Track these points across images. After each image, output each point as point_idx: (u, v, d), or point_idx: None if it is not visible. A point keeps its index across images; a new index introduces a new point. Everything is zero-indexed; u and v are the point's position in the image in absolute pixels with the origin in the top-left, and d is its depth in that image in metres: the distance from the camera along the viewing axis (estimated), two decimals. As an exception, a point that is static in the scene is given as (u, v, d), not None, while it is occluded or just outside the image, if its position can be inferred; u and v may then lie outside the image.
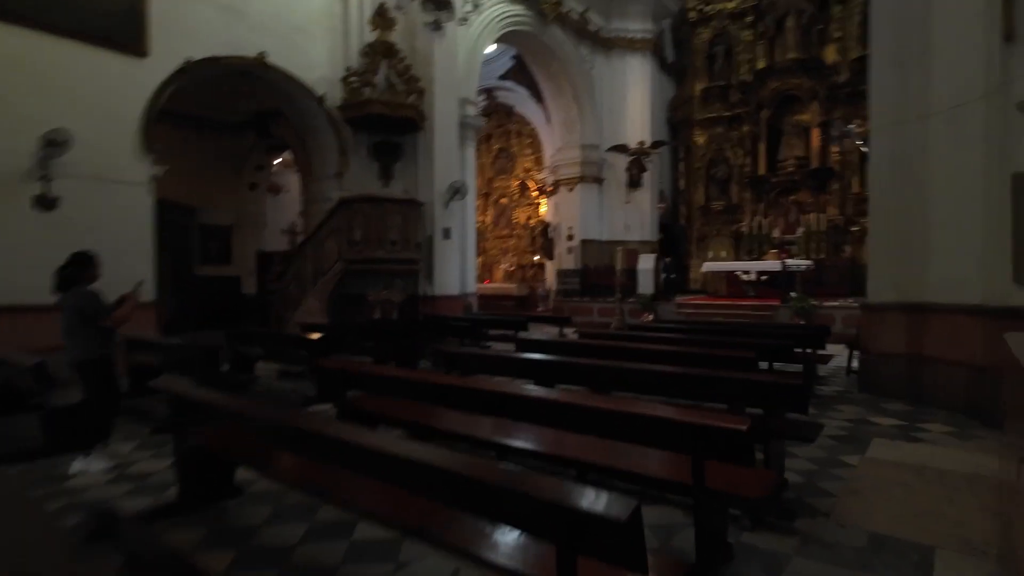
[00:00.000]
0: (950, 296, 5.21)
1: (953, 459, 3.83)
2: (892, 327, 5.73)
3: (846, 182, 15.33)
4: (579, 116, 16.13)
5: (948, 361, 5.19)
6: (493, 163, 20.99)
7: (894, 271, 5.77)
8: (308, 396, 5.85)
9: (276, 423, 2.44)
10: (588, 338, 5.90)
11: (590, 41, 15.84)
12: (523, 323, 8.05)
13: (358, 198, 9.13)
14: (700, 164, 18.01)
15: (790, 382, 2.86)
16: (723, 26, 17.51)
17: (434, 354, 4.38)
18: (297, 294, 9.44)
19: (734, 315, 11.94)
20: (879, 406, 5.42)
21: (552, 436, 2.88)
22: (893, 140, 5.72)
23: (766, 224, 16.38)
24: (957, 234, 5.16)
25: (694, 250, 18.14)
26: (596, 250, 16.38)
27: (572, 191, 16.45)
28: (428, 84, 10.05)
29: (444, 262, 10.35)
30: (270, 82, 9.47)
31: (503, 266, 20.30)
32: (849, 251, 15.12)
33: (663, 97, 17.96)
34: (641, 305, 12.92)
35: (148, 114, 7.70)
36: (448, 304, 10.35)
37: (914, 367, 5.53)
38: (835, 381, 6.70)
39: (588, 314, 14.31)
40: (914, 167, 5.54)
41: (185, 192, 13.14)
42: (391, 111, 9.05)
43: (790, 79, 15.90)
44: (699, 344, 4.96)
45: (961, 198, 5.10)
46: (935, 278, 5.40)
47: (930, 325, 5.42)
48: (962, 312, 5.06)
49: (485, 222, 21.25)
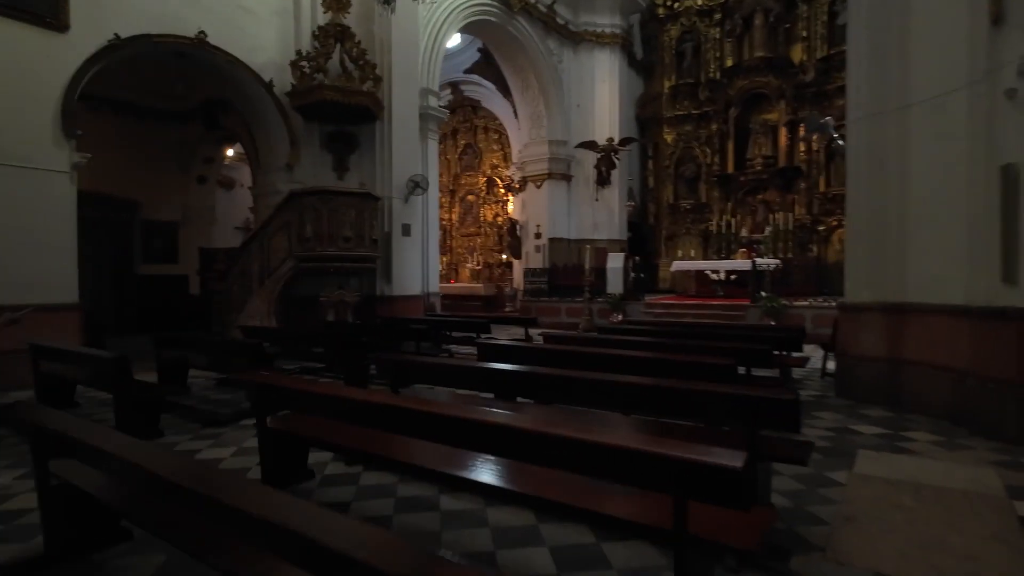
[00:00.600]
0: (931, 296, 4.95)
1: (947, 474, 3.51)
2: (870, 328, 5.45)
3: (813, 181, 15.35)
4: (546, 111, 15.73)
5: (930, 365, 4.93)
6: (459, 159, 20.44)
7: (872, 269, 5.50)
8: (243, 408, 5.25)
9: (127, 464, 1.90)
10: (553, 342, 5.45)
11: (558, 34, 15.45)
12: (485, 325, 7.56)
13: (309, 191, 8.50)
14: (669, 162, 17.86)
15: (781, 397, 2.46)
16: (691, 23, 17.38)
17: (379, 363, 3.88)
18: (242, 295, 8.75)
19: (704, 315, 11.72)
20: (859, 412, 5.13)
21: (508, 467, 2.42)
22: (871, 132, 5.45)
23: (734, 223, 16.31)
24: (939, 230, 4.90)
25: (663, 249, 17.97)
26: (564, 249, 16.01)
27: (540, 188, 16.04)
28: (386, 71, 9.47)
29: (404, 260, 9.79)
30: (214, 66, 8.75)
31: (469, 265, 19.77)
32: (816, 250, 15.14)
33: (632, 94, 17.72)
34: (610, 305, 12.60)
35: (68, 95, 6.94)
36: (408, 305, 9.79)
37: (894, 371, 5.26)
38: (811, 384, 6.43)
39: (556, 315, 13.92)
40: (893, 160, 5.28)
41: (126, 185, 12.23)
42: (344, 98, 8.44)
43: (757, 77, 15.84)
44: (673, 350, 4.57)
45: (943, 192, 4.84)
46: (915, 277, 5.14)
47: (910, 327, 5.16)
48: (944, 313, 4.80)
49: (451, 220, 20.69)
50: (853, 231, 5.74)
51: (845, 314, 5.82)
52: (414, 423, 2.40)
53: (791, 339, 5.36)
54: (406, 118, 9.88)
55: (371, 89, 8.85)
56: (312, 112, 9.01)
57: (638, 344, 4.98)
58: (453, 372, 3.78)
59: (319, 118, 9.25)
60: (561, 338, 5.63)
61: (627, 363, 4.15)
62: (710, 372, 3.67)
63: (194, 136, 13.17)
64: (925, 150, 5.01)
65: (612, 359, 4.26)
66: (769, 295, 11.04)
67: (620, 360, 4.20)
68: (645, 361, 4.03)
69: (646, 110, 18.06)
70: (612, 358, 4.26)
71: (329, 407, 2.80)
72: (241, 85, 9.11)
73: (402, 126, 9.74)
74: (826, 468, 3.64)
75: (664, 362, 3.93)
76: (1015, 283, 4.14)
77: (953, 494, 3.18)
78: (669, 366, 3.89)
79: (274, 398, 3.11)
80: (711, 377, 3.69)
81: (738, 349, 4.46)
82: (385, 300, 9.53)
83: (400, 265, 9.70)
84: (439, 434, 2.37)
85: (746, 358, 4.41)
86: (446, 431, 2.31)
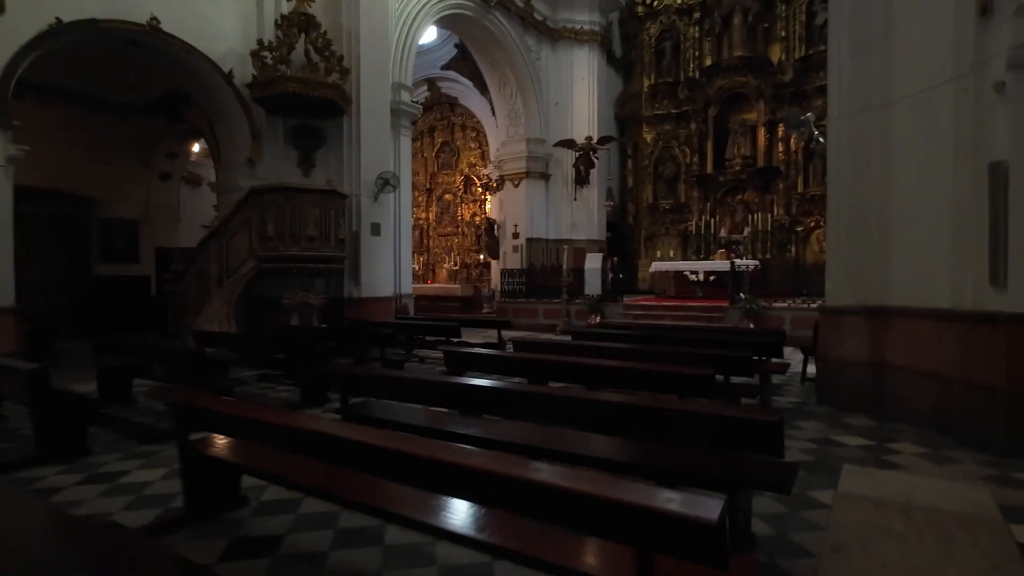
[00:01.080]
0: (916, 299, 4.75)
1: (937, 492, 3.27)
2: (852, 333, 5.24)
3: (791, 181, 15.29)
4: (524, 109, 15.44)
5: (914, 371, 4.73)
6: (436, 157, 20.06)
7: (854, 271, 5.29)
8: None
9: None
10: (524, 350, 5.14)
11: (535, 31, 15.16)
12: (455, 329, 7.22)
13: (271, 188, 8.07)
14: (648, 162, 17.69)
15: (763, 419, 2.18)
16: (671, 21, 17.24)
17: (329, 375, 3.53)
18: (200, 297, 8.29)
19: (683, 317, 11.52)
20: (841, 421, 4.91)
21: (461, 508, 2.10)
22: (853, 129, 5.24)
23: (713, 224, 16.19)
24: (923, 231, 4.70)
25: (642, 249, 17.80)
26: (543, 249, 15.73)
27: (518, 187, 15.73)
28: (353, 64, 9.07)
29: (373, 261, 9.40)
30: (168, 55, 8.27)
31: (447, 265, 19.39)
32: (794, 251, 15.08)
33: (611, 92, 17.52)
34: (588, 307, 12.34)
35: (3, 84, 6.43)
36: (378, 307, 9.41)
37: (878, 377, 5.05)
38: (790, 390, 6.21)
39: (533, 316, 13.63)
40: (876, 158, 5.07)
41: (80, 181, 11.63)
42: (308, 91, 8.03)
43: (736, 77, 15.74)
44: (648, 358, 4.29)
45: (928, 191, 4.64)
46: (899, 279, 4.94)
47: (894, 331, 4.95)
48: (929, 316, 4.60)
49: (428, 219, 20.30)
50: (834, 231, 5.53)
51: (826, 317, 5.61)
52: (347, 454, 2.07)
53: (771, 344, 5.12)
54: (376, 113, 9.49)
55: (337, 81, 8.45)
56: (275, 105, 8.58)
57: (612, 352, 4.70)
58: (409, 386, 3.44)
59: (283, 111, 8.82)
60: (533, 344, 5.33)
61: (600, 373, 3.87)
62: (687, 383, 3.40)
63: (155, 130, 12.59)
64: (909, 147, 4.81)
65: (584, 369, 3.98)
66: (748, 296, 10.88)
67: (592, 370, 3.91)
68: (618, 371, 3.75)
69: (625, 109, 17.87)
70: (584, 368, 3.98)
71: (256, 432, 2.45)
72: (200, 76, 8.64)
73: (371, 121, 9.35)
74: (810, 487, 3.39)
75: (638, 372, 3.66)
76: (1003, 286, 3.94)
77: (946, 517, 2.94)
78: (644, 377, 3.62)
79: (196, 419, 2.74)
80: (688, 389, 3.42)
81: (716, 356, 4.21)
82: (353, 302, 9.14)
83: (369, 266, 9.31)
84: (374, 467, 2.03)
85: (725, 366, 4.15)
86: (382, 464, 1.98)
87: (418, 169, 20.46)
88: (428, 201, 20.29)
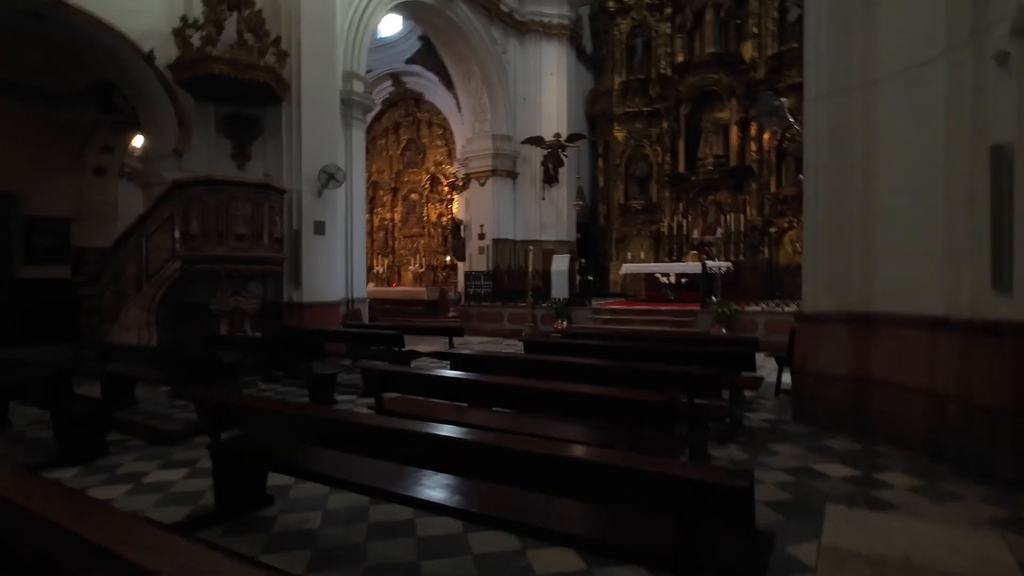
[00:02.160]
0: (904, 304, 4.18)
1: (944, 545, 2.67)
2: (832, 342, 4.67)
3: (764, 181, 14.91)
4: (490, 104, 14.77)
5: (903, 387, 4.15)
6: (402, 155, 19.26)
7: (833, 272, 4.72)
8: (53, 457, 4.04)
9: None
10: (463, 365, 4.43)
11: (502, 22, 14.51)
12: (397, 338, 6.48)
13: (195, 181, 7.24)
14: (619, 161, 17.19)
15: (729, 483, 1.52)
16: (642, 17, 16.78)
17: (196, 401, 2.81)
18: (116, 302, 7.42)
19: (653, 321, 10.95)
20: (822, 444, 4.32)
21: None
22: (832, 112, 4.67)
23: (686, 224, 15.74)
24: (912, 226, 4.13)
25: (613, 251, 17.27)
26: (510, 250, 15.05)
27: (484, 185, 15.04)
28: (293, 47, 8.28)
29: (317, 262, 8.60)
30: (86, 35, 7.39)
31: (412, 268, 18.59)
32: (767, 253, 14.69)
33: (581, 89, 16.97)
34: (554, 311, 11.70)
35: None
36: (323, 313, 8.60)
37: (861, 393, 4.48)
38: (764, 405, 5.63)
39: (498, 321, 12.94)
40: (857, 144, 4.51)
41: (2, 176, 10.59)
42: (238, 73, 7.22)
43: (708, 74, 15.33)
44: (606, 376, 3.66)
45: (917, 181, 4.08)
46: (885, 281, 4.37)
47: (879, 341, 4.38)
48: (920, 325, 4.03)
49: (394, 220, 19.49)
50: (811, 228, 4.95)
51: (803, 324, 5.03)
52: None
53: (742, 357, 4.51)
54: (320, 102, 8.70)
55: (272, 65, 7.65)
56: (204, 90, 7.74)
57: (563, 369, 4.03)
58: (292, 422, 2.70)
59: (214, 98, 7.98)
60: (475, 360, 4.62)
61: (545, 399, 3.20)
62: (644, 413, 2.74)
63: (88, 121, 11.59)
64: (895, 131, 4.25)
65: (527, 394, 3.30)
66: (720, 300, 10.36)
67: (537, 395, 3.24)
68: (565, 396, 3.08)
69: (596, 106, 17.34)
70: (527, 393, 3.30)
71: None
72: (119, 57, 7.77)
73: (315, 110, 8.56)
74: (788, 537, 2.74)
75: (588, 398, 3.00)
76: (1007, 291, 3.38)
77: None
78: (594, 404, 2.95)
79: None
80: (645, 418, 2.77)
81: (678, 376, 3.57)
82: (294, 308, 8.32)
83: (312, 268, 8.51)
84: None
85: (689, 386, 3.51)
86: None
87: (383, 168, 19.67)
88: (394, 201, 19.47)
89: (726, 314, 9.81)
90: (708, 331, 10.00)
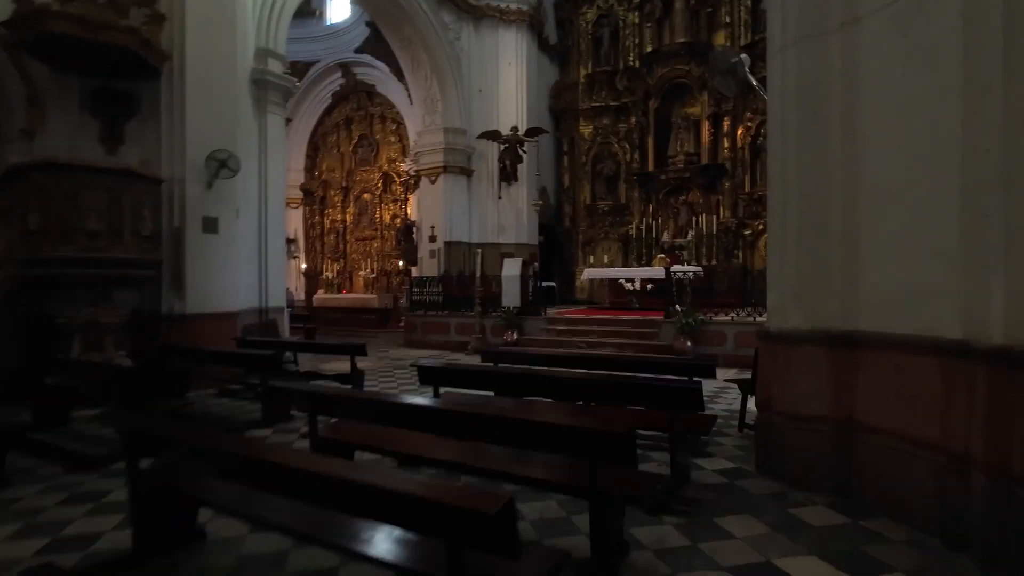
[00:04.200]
0: (902, 322, 3.01)
1: None
2: (806, 371, 3.48)
3: (738, 181, 13.88)
4: (441, 94, 13.53)
5: (902, 437, 2.97)
6: (354, 152, 17.95)
7: (807, 278, 3.54)
8: None
9: None
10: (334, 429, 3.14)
11: (454, 5, 13.32)
12: (271, 359, 5.17)
13: (34, 165, 5.88)
14: (585, 159, 16.08)
15: None
16: (609, 5, 15.75)
17: None
18: (-64, 315, 6.01)
19: (612, 332, 9.77)
20: (791, 516, 3.11)
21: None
22: (804, 64, 3.50)
23: (656, 227, 14.64)
24: (914, 214, 2.97)
25: (580, 255, 16.12)
26: (464, 254, 13.79)
27: (435, 183, 13.78)
28: (176, 9, 6.97)
29: (207, 266, 7.25)
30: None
31: (363, 273, 17.24)
32: (741, 257, 13.65)
33: (544, 82, 15.83)
34: (504, 321, 10.46)
35: None
36: (215, 326, 7.24)
37: (845, 441, 3.29)
38: (723, 444, 4.42)
39: (445, 332, 11.66)
40: (837, 104, 3.34)
41: None
42: (89, 33, 5.87)
43: (678, 64, 14.30)
44: (509, 434, 2.42)
45: (921, 147, 2.91)
46: (875, 290, 3.20)
47: (868, 371, 3.20)
48: (926, 351, 2.85)
49: (345, 221, 18.14)
50: (777, 218, 3.77)
51: (768, 346, 3.83)
52: None
53: (688, 395, 3.28)
54: (214, 77, 7.38)
55: (138, 27, 6.32)
56: (60, 59, 6.39)
57: (452, 419, 2.76)
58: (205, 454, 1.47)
59: (76, 69, 6.62)
60: (333, 399, 3.32)
61: (410, 478, 1.93)
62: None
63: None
64: (888, 83, 3.09)
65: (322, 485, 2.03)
66: (685, 309, 9.20)
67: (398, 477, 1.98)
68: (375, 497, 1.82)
69: (560, 100, 16.21)
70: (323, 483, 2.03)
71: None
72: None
73: (205, 87, 7.23)
74: None
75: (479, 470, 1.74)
76: (1063, 303, 2.20)
77: None
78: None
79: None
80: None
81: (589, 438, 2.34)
82: (176, 321, 6.96)
83: (200, 273, 7.16)
84: None
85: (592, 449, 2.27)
86: None
87: (334, 166, 18.32)
88: (345, 201, 18.13)
89: (691, 325, 8.66)
90: (671, 344, 8.84)
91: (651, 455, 4.13)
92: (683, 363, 4.61)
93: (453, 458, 2.89)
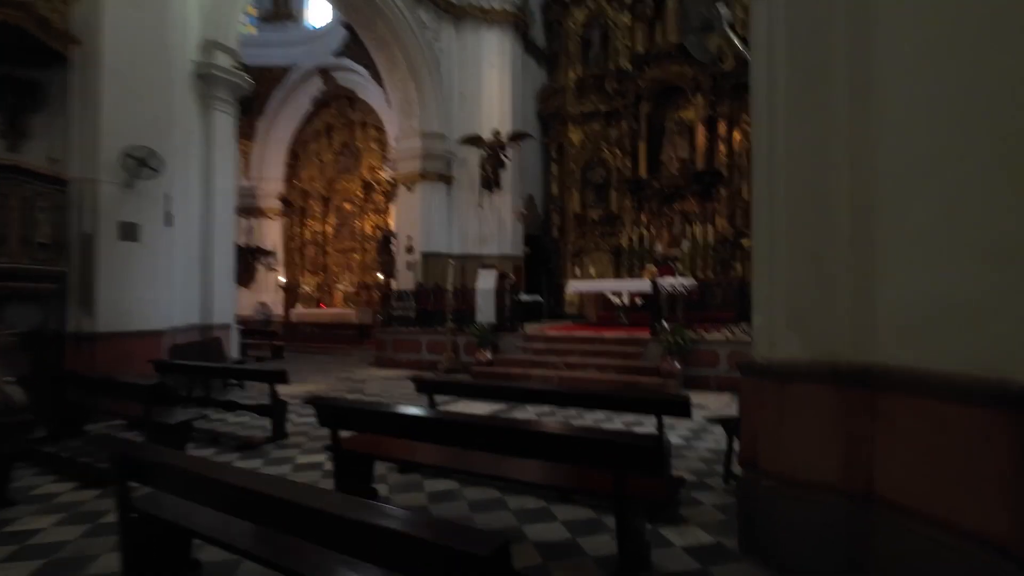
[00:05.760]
0: (942, 355, 2.07)
1: None
2: (805, 420, 2.54)
3: (735, 187, 13.00)
4: (418, 97, 12.74)
5: (945, 524, 2.02)
6: (336, 160, 17.18)
7: (803, 292, 2.62)
8: None
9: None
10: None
11: (432, 4, 12.58)
12: (155, 390, 4.26)
13: (-99, 161, 5.06)
14: (575, 166, 15.25)
15: None
16: (599, 7, 15.01)
17: None
18: None
19: (594, 352, 8.82)
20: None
21: None
22: (798, 5, 2.62)
23: (648, 237, 13.74)
24: (957, 198, 2.05)
25: (569, 267, 15.21)
26: (442, 266, 12.90)
27: (412, 191, 12.94)
28: (90, -12, 6.19)
29: (125, 278, 6.37)
30: None
31: (340, 286, 16.38)
32: (739, 269, 12.71)
33: (532, 86, 15.07)
34: (477, 339, 9.53)
35: None
36: (138, 347, 6.35)
37: (859, 520, 2.34)
38: (699, 505, 3.46)
39: (416, 350, 10.74)
40: (842, 53, 2.45)
41: None
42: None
43: (671, 66, 13.49)
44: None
45: (966, 105, 2.00)
46: (900, 309, 2.27)
47: (894, 424, 2.26)
48: (979, 399, 1.92)
49: (325, 232, 17.32)
50: (764, 213, 2.85)
51: (753, 383, 2.88)
52: None
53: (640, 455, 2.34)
54: (138, 66, 6.57)
55: (35, 3, 5.52)
56: (-50, 41, 5.60)
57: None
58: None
59: (-27, 54, 5.85)
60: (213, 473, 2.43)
61: None
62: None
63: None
64: (911, 20, 2.19)
65: None
66: (675, 326, 8.26)
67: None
68: None
69: (549, 105, 15.42)
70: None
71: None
72: None
73: (127, 77, 6.42)
74: None
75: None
76: None
77: None
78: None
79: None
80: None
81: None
82: (84, 341, 6.07)
83: (115, 286, 6.28)
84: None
85: None
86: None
87: (314, 175, 17.53)
88: (326, 211, 17.33)
89: (680, 344, 7.71)
90: (658, 366, 7.89)
91: (605, 520, 3.19)
92: (650, 399, 3.66)
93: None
